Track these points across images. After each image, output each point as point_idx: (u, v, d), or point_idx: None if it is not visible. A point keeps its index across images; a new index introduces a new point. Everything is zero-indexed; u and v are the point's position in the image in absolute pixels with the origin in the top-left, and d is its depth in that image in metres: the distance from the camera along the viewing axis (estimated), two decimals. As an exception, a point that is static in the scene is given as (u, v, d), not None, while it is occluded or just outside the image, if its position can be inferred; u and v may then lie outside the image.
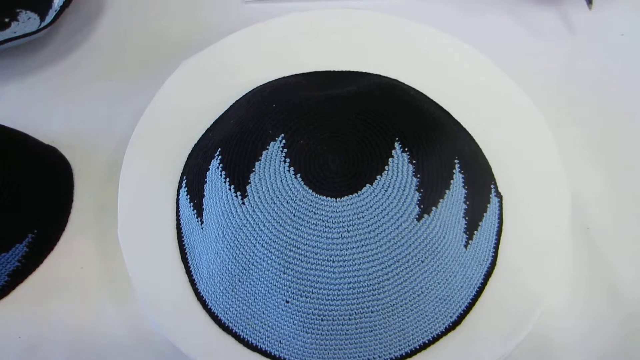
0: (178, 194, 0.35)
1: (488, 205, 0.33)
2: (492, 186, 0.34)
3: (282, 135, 0.31)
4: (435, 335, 0.30)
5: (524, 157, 0.36)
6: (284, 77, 0.39)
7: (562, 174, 0.35)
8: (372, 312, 0.29)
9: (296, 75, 0.39)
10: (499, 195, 0.34)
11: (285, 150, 0.31)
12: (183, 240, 0.34)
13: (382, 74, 0.39)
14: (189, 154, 0.37)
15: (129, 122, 0.41)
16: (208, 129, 0.37)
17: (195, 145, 0.37)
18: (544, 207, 0.34)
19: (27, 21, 0.48)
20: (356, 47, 0.41)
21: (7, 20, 0.48)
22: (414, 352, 0.30)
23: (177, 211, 0.35)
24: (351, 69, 0.40)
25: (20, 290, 0.36)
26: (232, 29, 0.41)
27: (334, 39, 0.41)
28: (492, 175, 0.35)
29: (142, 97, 0.40)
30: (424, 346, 0.30)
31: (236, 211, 0.30)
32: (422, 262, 0.29)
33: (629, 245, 0.36)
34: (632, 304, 0.34)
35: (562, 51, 0.46)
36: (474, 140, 0.36)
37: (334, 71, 0.39)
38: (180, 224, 0.34)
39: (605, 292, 0.34)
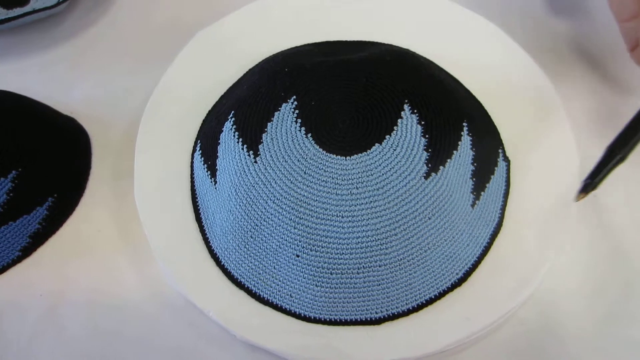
0: (192, 158, 0.36)
1: (495, 169, 0.34)
2: (499, 151, 0.35)
3: (294, 97, 0.32)
4: (442, 291, 0.31)
5: (533, 124, 0.36)
6: (295, 47, 0.39)
7: (572, 141, 0.35)
8: (379, 266, 0.30)
9: (308, 44, 0.39)
10: (506, 160, 0.35)
11: (296, 111, 0.32)
12: (197, 202, 0.35)
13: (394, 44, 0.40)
14: (203, 120, 0.37)
15: (144, 94, 0.41)
16: (221, 96, 0.38)
17: (209, 111, 0.38)
18: (552, 173, 0.34)
19: (46, -4, 0.49)
20: (368, 19, 0.41)
21: (26, -5, 0.50)
22: (420, 306, 0.31)
23: (192, 174, 0.36)
24: (363, 40, 0.40)
25: (41, 251, 0.37)
26: (247, 1, 0.42)
27: (346, 10, 0.41)
28: (500, 140, 0.35)
29: (157, 70, 0.40)
30: (430, 301, 0.31)
31: (249, 169, 0.31)
32: (429, 219, 0.30)
33: (636, 212, 0.36)
34: (636, 266, 0.35)
35: (573, 23, 0.46)
36: (483, 108, 0.37)
37: (345, 41, 0.40)
38: (194, 186, 0.35)
39: (610, 254, 0.35)
